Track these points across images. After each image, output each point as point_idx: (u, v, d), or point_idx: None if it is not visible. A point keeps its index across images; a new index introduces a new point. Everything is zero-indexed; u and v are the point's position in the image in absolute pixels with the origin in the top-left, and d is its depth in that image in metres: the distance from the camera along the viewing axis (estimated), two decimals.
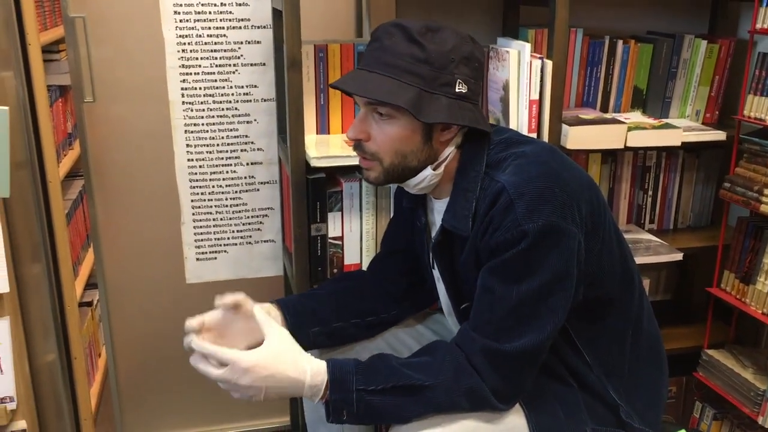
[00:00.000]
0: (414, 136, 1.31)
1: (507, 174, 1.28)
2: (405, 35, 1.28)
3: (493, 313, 1.27)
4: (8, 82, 1.84)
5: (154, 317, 2.18)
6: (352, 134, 1.35)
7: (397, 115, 1.30)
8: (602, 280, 1.35)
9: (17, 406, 1.84)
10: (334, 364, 1.26)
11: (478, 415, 1.29)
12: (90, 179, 2.05)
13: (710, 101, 2.12)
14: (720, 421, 2.12)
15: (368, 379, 1.25)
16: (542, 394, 1.36)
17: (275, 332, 1.27)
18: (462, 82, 1.30)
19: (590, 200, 1.31)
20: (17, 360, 1.84)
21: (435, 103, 1.28)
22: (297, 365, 1.24)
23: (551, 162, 1.30)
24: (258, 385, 1.21)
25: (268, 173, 2.05)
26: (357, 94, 1.34)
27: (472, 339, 1.28)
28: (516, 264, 1.24)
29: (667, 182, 2.16)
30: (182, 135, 1.97)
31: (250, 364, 1.21)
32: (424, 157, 1.34)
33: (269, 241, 2.11)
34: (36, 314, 2.01)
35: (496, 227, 1.25)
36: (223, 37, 1.93)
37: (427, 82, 1.27)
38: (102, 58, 1.96)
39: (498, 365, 1.26)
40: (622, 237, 1.44)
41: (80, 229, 2.53)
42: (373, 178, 1.37)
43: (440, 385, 1.26)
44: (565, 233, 1.24)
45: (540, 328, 1.26)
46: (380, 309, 1.58)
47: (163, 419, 2.32)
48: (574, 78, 2.03)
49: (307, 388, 1.24)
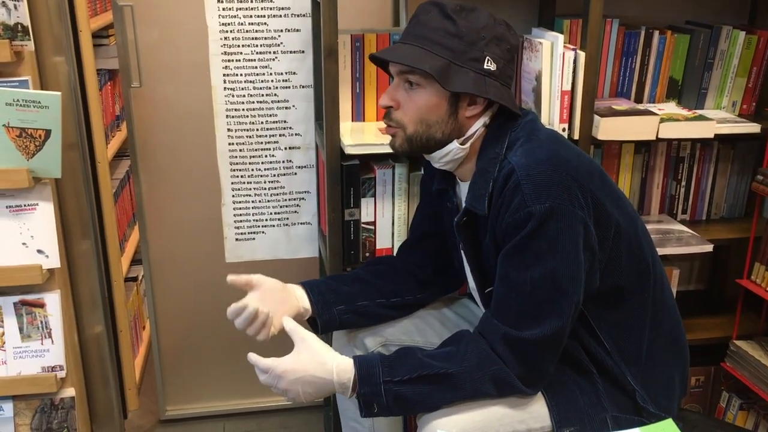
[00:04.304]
0: (440, 106, 1.36)
1: (518, 155, 1.32)
2: (440, 11, 1.33)
3: (510, 299, 1.31)
4: (61, 68, 1.91)
5: (195, 293, 2.27)
6: (383, 101, 1.41)
7: (425, 84, 1.35)
8: (619, 268, 1.37)
9: (66, 374, 1.94)
10: (360, 360, 1.32)
11: (504, 402, 1.33)
12: (136, 160, 2.14)
13: (747, 92, 2.11)
14: (746, 412, 2.13)
15: (393, 371, 1.29)
16: (563, 381, 1.39)
17: (303, 339, 1.34)
18: (491, 60, 1.34)
19: (600, 189, 1.33)
20: (67, 331, 1.94)
21: (462, 75, 1.32)
22: (324, 366, 1.31)
23: (560, 148, 1.34)
24: (293, 387, 1.31)
25: (306, 158, 2.11)
26: (386, 59, 1.39)
27: (494, 327, 1.32)
28: (526, 247, 1.28)
29: (701, 173, 2.16)
30: (223, 119, 2.04)
31: (282, 370, 1.31)
32: (449, 130, 1.38)
33: (305, 224, 2.17)
34: (85, 288, 2.10)
35: (506, 208, 1.29)
36: (263, 25, 1.98)
37: (456, 54, 1.32)
38: (148, 44, 2.04)
39: (520, 353, 1.30)
40: (642, 227, 1.45)
41: (126, 208, 2.62)
42: (398, 144, 1.42)
43: (465, 372, 1.29)
44: (571, 215, 1.27)
45: (558, 314, 1.29)
46: (405, 291, 1.63)
47: (202, 390, 2.42)
48: (608, 68, 2.03)
49: (337, 385, 1.31)
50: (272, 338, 1.48)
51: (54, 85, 1.90)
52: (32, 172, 1.75)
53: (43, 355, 1.91)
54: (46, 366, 1.91)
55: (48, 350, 1.91)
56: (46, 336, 1.91)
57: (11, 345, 1.90)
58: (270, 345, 1.50)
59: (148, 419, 2.41)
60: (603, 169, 1.43)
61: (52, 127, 1.74)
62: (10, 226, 1.80)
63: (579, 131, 1.83)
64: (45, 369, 1.92)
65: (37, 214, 1.81)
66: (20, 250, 1.81)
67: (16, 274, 1.82)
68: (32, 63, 1.81)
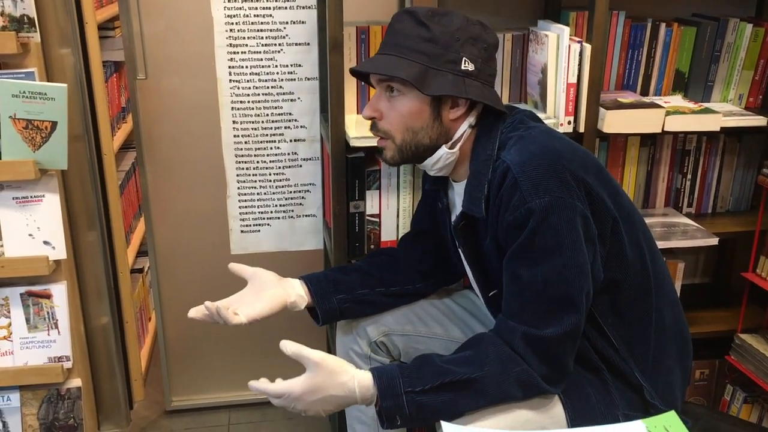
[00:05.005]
0: (423, 112, 1.37)
1: (511, 153, 1.32)
2: (413, 19, 1.34)
3: (524, 300, 1.29)
4: (67, 59, 1.92)
5: (201, 285, 2.27)
6: (366, 113, 1.42)
7: (405, 90, 1.36)
8: (620, 262, 1.37)
9: (73, 365, 1.95)
10: (379, 373, 1.29)
11: (526, 406, 1.31)
12: (142, 152, 2.14)
13: (754, 85, 2.10)
14: (750, 405, 2.13)
15: (414, 381, 1.27)
16: (575, 382, 1.37)
17: (316, 364, 1.28)
18: (468, 60, 1.34)
19: (597, 181, 1.33)
20: (73, 322, 1.95)
21: (440, 78, 1.33)
22: (345, 387, 1.27)
23: (554, 142, 1.34)
24: (313, 408, 1.29)
25: (311, 150, 2.11)
26: (364, 71, 1.41)
27: (512, 328, 1.30)
28: (531, 245, 1.27)
29: (707, 166, 2.15)
30: (229, 111, 2.04)
31: (299, 393, 1.28)
32: (436, 135, 1.38)
33: (310, 216, 2.18)
34: (91, 279, 2.12)
35: (506, 207, 1.29)
36: (269, 17, 1.98)
37: (431, 59, 1.33)
38: (154, 36, 2.04)
39: (543, 351, 1.28)
40: (640, 220, 1.45)
41: (132, 200, 2.63)
42: (389, 157, 1.43)
43: (488, 376, 1.27)
44: (570, 207, 1.26)
45: (574, 307, 1.28)
46: (405, 281, 1.63)
47: (208, 381, 2.43)
48: (614, 61, 2.03)
49: (360, 401, 1.29)
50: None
51: (60, 77, 1.91)
52: (38, 164, 1.76)
53: (50, 346, 1.92)
54: (53, 356, 1.93)
55: (54, 341, 1.92)
56: (52, 327, 1.92)
57: (18, 335, 1.91)
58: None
59: (154, 410, 2.43)
60: (599, 162, 1.42)
61: (58, 119, 1.74)
62: (17, 218, 1.81)
63: (584, 124, 1.83)
64: (51, 359, 1.93)
65: (43, 205, 1.82)
66: (27, 242, 1.82)
67: (23, 265, 1.83)
68: (38, 55, 1.82)
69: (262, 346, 2.29)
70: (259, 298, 1.50)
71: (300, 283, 1.57)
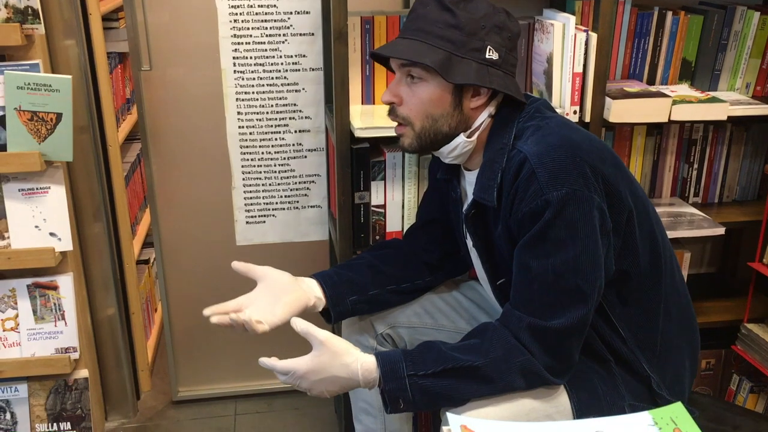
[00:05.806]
0: (444, 99, 1.35)
1: (528, 144, 1.30)
2: (438, 4, 1.32)
3: (533, 290, 1.29)
4: (71, 51, 1.92)
5: (207, 276, 2.28)
6: (385, 97, 1.39)
7: (428, 77, 1.34)
8: (632, 253, 1.37)
9: (80, 356, 1.97)
10: (382, 357, 1.30)
11: (531, 395, 1.32)
12: (147, 143, 2.14)
13: (761, 74, 2.08)
14: (757, 395, 2.13)
15: (417, 365, 1.28)
16: (582, 372, 1.37)
17: (321, 342, 1.29)
18: (492, 49, 1.32)
19: (613, 173, 1.32)
20: (80, 313, 1.96)
21: (464, 66, 1.31)
22: (348, 368, 1.28)
23: (571, 133, 1.32)
24: (317, 387, 1.30)
25: (316, 141, 2.11)
26: (387, 55, 1.37)
27: (518, 318, 1.30)
28: (545, 236, 1.26)
29: (714, 155, 2.14)
30: (233, 102, 2.03)
31: (303, 371, 1.29)
32: (455, 123, 1.37)
33: (315, 207, 2.18)
34: (97, 271, 2.12)
35: (522, 198, 1.28)
36: (273, 8, 1.97)
37: (456, 46, 1.31)
38: (158, 27, 2.03)
39: (547, 342, 1.28)
40: (653, 211, 1.44)
41: (138, 191, 2.63)
42: (407, 144, 1.41)
43: (491, 364, 1.27)
44: (587, 200, 1.25)
45: (583, 301, 1.28)
46: (414, 276, 1.63)
47: (214, 371, 2.44)
48: (620, 49, 2.02)
49: (363, 384, 1.30)
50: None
51: (65, 69, 1.91)
52: (44, 156, 1.77)
53: (57, 337, 1.93)
54: (60, 347, 1.94)
55: (61, 332, 1.93)
56: (59, 318, 1.93)
57: (25, 327, 1.92)
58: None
59: (161, 400, 2.44)
60: (615, 153, 1.41)
61: (63, 111, 1.75)
62: (23, 210, 1.82)
63: (590, 114, 1.82)
64: (58, 350, 1.94)
65: (49, 197, 1.82)
66: (33, 233, 1.83)
67: (29, 256, 1.84)
68: (43, 46, 1.82)
69: (269, 336, 2.28)
70: (279, 302, 1.45)
71: (316, 284, 1.54)
